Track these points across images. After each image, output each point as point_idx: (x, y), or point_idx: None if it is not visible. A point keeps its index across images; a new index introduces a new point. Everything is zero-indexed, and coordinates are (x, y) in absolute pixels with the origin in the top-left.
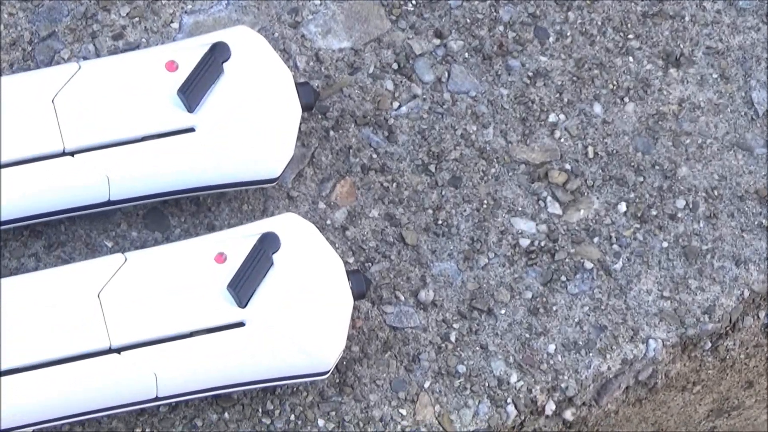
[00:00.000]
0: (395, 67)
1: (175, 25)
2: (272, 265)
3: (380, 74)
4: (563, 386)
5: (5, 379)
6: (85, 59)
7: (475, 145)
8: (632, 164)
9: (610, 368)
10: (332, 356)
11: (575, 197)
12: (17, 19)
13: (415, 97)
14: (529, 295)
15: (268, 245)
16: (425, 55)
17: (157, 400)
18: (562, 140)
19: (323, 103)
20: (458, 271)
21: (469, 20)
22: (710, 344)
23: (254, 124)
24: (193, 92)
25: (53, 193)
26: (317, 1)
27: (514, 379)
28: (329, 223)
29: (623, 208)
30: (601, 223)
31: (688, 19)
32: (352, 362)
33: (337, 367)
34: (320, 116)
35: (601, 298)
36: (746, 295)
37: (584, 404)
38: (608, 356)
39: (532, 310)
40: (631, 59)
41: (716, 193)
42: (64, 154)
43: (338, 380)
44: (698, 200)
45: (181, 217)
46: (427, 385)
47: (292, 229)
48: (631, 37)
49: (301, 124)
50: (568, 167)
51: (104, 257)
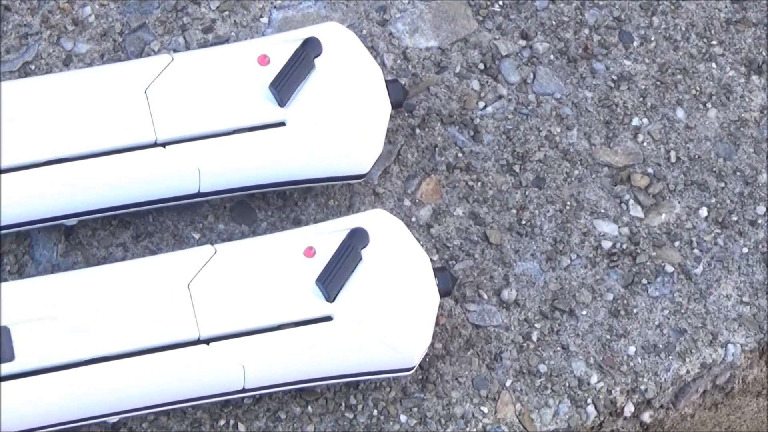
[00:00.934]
0: (481, 67)
1: (264, 19)
2: (361, 260)
3: (466, 74)
4: (642, 388)
5: (95, 366)
6: (175, 51)
7: (559, 146)
8: (714, 169)
9: (688, 372)
10: (418, 353)
11: (657, 201)
12: (108, 10)
13: (500, 97)
14: (610, 297)
15: (357, 240)
16: (511, 56)
17: (243, 391)
18: (644, 144)
19: (410, 101)
20: (541, 271)
21: (554, 22)
22: None
23: (344, 119)
24: (284, 87)
25: (144, 183)
26: None
27: (594, 379)
28: (414, 220)
29: (704, 212)
30: (682, 227)
31: None
32: (434, 359)
33: (420, 363)
34: (407, 114)
35: (681, 301)
36: None
37: (662, 407)
38: (687, 360)
39: (613, 311)
40: (714, 65)
41: None
42: (156, 145)
43: (421, 377)
44: None
45: (267, 210)
46: (508, 383)
47: (380, 225)
48: (714, 43)
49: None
50: (650, 171)
51: (194, 248)
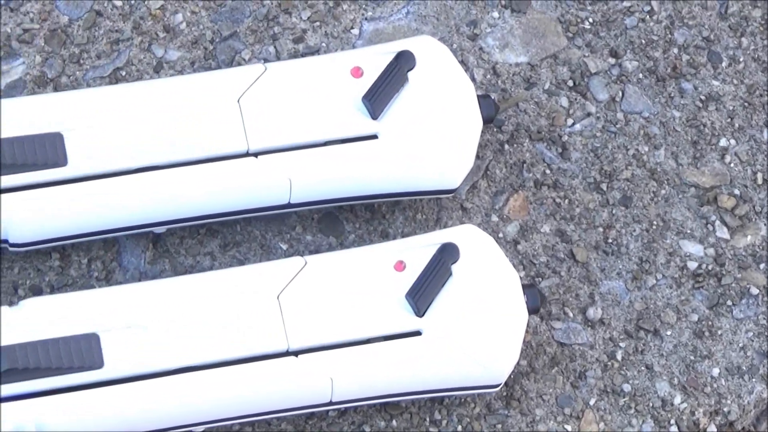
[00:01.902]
0: (570, 84)
1: (355, 31)
2: (451, 275)
3: (555, 90)
4: (725, 410)
5: (183, 376)
6: (265, 61)
7: (646, 165)
8: None
9: None
10: (506, 369)
11: (743, 223)
12: (200, 17)
13: (589, 114)
14: (695, 317)
15: (447, 255)
16: (600, 73)
17: (330, 404)
18: (732, 165)
19: (499, 116)
20: (626, 290)
21: (644, 41)
22: None
23: (436, 134)
24: (377, 99)
25: (235, 192)
26: (496, 14)
27: (677, 400)
28: (501, 236)
29: None
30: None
31: None
32: (519, 376)
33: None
34: (495, 129)
35: (765, 324)
36: None
37: (743, 429)
38: None
39: (697, 332)
40: None
41: None
42: (248, 154)
43: (505, 393)
44: None
45: (355, 223)
46: (592, 402)
47: (471, 240)
48: None
49: None
50: (737, 192)
51: (284, 260)
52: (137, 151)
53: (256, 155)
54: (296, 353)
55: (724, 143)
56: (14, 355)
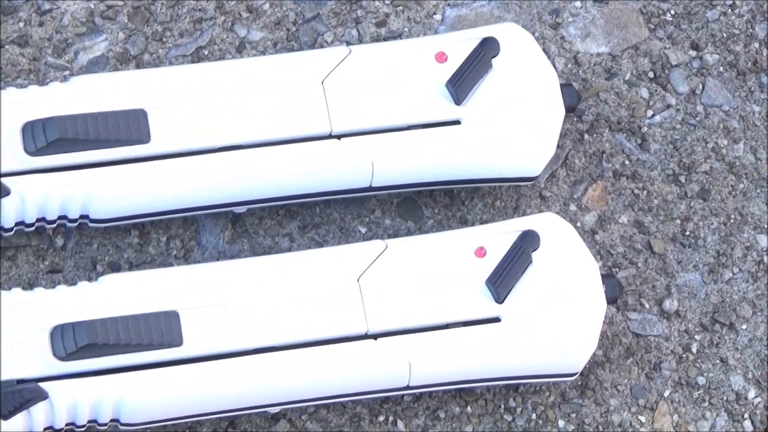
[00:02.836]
0: (651, 75)
1: (437, 16)
2: (531, 262)
3: (636, 81)
4: None
5: (262, 356)
6: (348, 43)
7: (725, 159)
8: None
9: None
10: (583, 358)
11: None
12: None
13: (669, 107)
14: None
15: (528, 243)
16: (681, 65)
17: (407, 388)
18: None
19: (579, 106)
20: (702, 283)
21: (725, 34)
22: None
23: (519, 121)
24: (461, 85)
25: (317, 174)
26: (578, 3)
27: (752, 395)
28: (579, 225)
29: None
30: None
31: None
32: (595, 366)
33: None
34: (575, 119)
35: None
36: None
37: None
38: None
39: None
40: None
41: None
42: (330, 136)
43: (580, 382)
44: None
45: (434, 208)
46: (666, 393)
47: (551, 228)
48: None
49: None
50: None
51: (365, 243)
52: (219, 130)
53: (338, 137)
54: (375, 336)
55: None
56: (94, 330)
